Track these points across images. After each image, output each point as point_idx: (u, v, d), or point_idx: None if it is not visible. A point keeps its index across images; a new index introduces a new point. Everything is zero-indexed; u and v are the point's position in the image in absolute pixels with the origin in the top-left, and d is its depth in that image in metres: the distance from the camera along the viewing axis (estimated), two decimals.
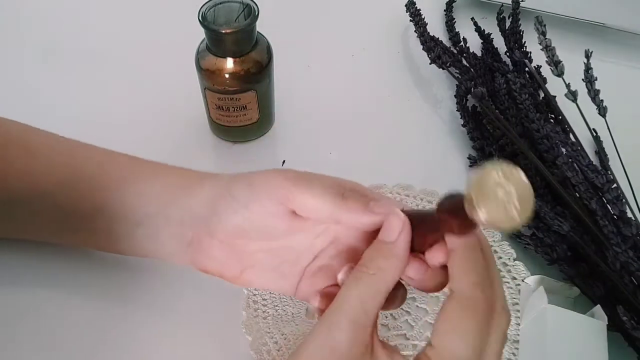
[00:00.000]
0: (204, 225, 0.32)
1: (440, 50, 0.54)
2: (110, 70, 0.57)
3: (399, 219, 0.28)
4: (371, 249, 0.28)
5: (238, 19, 0.43)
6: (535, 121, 0.44)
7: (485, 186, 0.23)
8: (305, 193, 0.29)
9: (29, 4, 0.63)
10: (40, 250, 0.41)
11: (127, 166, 0.36)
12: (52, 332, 0.39)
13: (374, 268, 0.27)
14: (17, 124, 0.39)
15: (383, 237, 0.28)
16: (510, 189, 0.23)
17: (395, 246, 0.27)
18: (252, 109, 0.47)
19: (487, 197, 0.23)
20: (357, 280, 0.27)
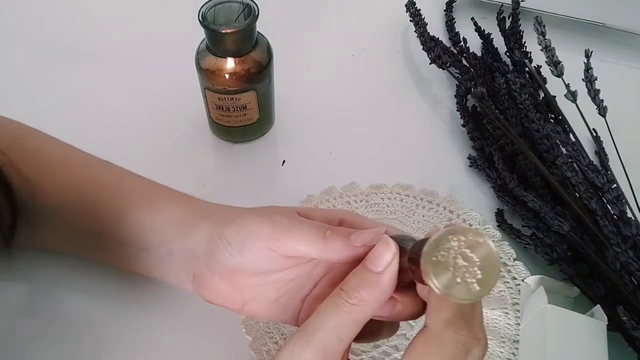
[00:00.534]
0: (204, 264, 0.33)
1: (440, 50, 0.54)
2: (110, 70, 0.57)
3: (389, 249, 0.26)
4: (355, 276, 0.27)
5: (238, 19, 0.43)
6: (535, 121, 0.44)
7: (442, 253, 0.22)
8: (291, 240, 0.30)
9: (29, 5, 0.63)
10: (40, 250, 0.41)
11: (133, 192, 0.36)
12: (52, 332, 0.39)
13: (355, 298, 0.26)
14: (31, 133, 0.39)
15: (369, 264, 0.27)
16: (473, 259, 0.22)
17: (381, 278, 0.26)
18: (252, 109, 0.47)
19: (442, 265, 0.22)
20: (336, 306, 0.26)
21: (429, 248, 0.22)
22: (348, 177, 0.47)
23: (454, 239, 0.22)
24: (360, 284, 0.26)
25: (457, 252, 0.22)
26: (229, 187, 0.48)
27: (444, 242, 0.22)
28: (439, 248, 0.22)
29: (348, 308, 0.26)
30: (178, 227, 0.34)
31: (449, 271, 0.22)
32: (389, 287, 0.26)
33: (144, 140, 0.50)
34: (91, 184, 0.37)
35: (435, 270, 0.22)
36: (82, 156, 0.39)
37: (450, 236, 0.22)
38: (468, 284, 0.21)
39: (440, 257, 0.22)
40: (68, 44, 0.59)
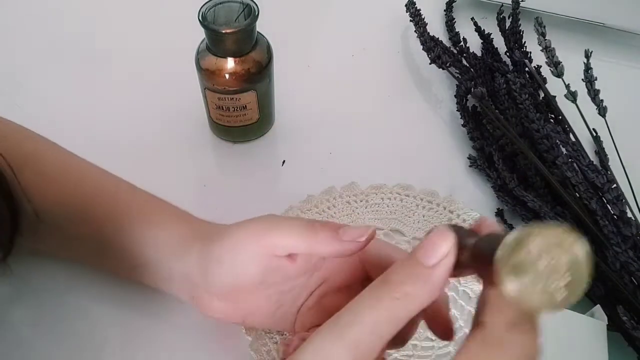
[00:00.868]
0: (201, 288, 0.33)
1: (440, 50, 0.54)
2: (110, 70, 0.57)
3: (447, 240, 0.23)
4: (402, 268, 0.24)
5: (238, 19, 0.43)
6: (535, 121, 0.44)
7: (524, 253, 0.19)
8: (279, 234, 0.30)
9: (29, 5, 0.63)
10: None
11: (132, 208, 0.37)
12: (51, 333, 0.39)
13: (400, 292, 0.23)
14: (30, 138, 0.39)
15: (421, 256, 0.23)
16: (559, 263, 0.19)
17: (433, 273, 0.23)
18: (252, 109, 0.47)
19: (522, 268, 0.19)
20: (377, 300, 0.23)
21: (508, 249, 0.19)
22: (348, 177, 0.47)
23: (537, 239, 0.19)
24: (408, 277, 0.23)
25: (539, 254, 0.19)
26: (229, 187, 0.48)
27: (525, 242, 0.19)
28: (519, 248, 0.19)
29: (390, 303, 0.23)
30: (174, 248, 0.34)
31: (527, 276, 0.19)
32: (441, 283, 0.23)
33: (144, 140, 0.50)
34: (89, 196, 0.37)
35: (513, 274, 0.19)
36: (81, 165, 0.39)
37: (534, 236, 0.19)
38: (549, 292, 0.19)
39: (519, 259, 0.19)
40: (68, 43, 0.59)
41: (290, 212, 0.45)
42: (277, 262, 0.31)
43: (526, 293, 0.19)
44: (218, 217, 0.46)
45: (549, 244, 0.19)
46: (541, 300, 0.19)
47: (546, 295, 0.19)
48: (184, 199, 0.46)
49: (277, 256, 0.31)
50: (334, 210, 0.45)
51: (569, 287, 0.19)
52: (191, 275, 0.33)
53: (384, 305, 0.23)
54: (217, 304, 0.33)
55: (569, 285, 0.19)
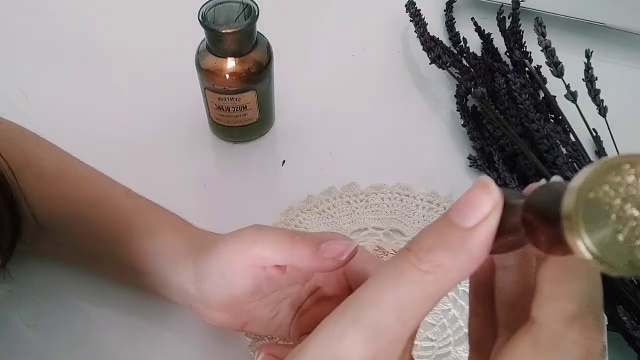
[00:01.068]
0: (198, 302, 0.34)
1: (440, 50, 0.54)
2: (110, 70, 0.57)
3: (490, 194, 0.18)
4: (432, 232, 0.19)
5: (238, 19, 0.43)
6: (535, 121, 0.44)
7: (604, 197, 0.15)
8: (262, 247, 0.30)
9: (29, 5, 0.63)
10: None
11: (129, 216, 0.37)
12: (51, 334, 0.39)
13: (429, 263, 0.18)
14: (30, 140, 0.39)
15: (456, 217, 0.18)
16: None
17: (471, 237, 0.18)
18: (252, 109, 0.47)
19: (601, 211, 0.15)
20: (399, 274, 0.19)
21: (587, 180, 0.15)
22: (348, 177, 0.47)
23: (630, 172, 0.15)
24: (439, 243, 0.18)
25: (629, 194, 0.15)
26: (229, 187, 0.48)
27: (610, 175, 0.15)
28: (603, 182, 0.15)
29: (418, 277, 0.18)
30: (170, 260, 0.35)
31: (609, 222, 0.15)
32: (481, 251, 0.18)
33: (144, 140, 0.50)
34: (86, 202, 0.37)
35: (591, 218, 0.15)
36: (78, 168, 0.39)
37: (627, 166, 0.15)
38: (639, 247, 0.14)
39: (600, 196, 0.15)
40: (68, 44, 0.59)
41: (290, 212, 0.45)
42: (266, 272, 0.31)
43: (605, 254, 0.15)
44: (218, 217, 0.46)
45: (635, 180, 0.15)
46: (626, 264, 0.15)
47: (636, 253, 0.14)
48: (184, 199, 0.47)
49: (266, 267, 0.31)
50: (334, 210, 0.45)
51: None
52: (187, 287, 0.34)
53: (410, 281, 0.18)
54: (216, 314, 0.34)
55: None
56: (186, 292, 0.34)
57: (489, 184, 0.18)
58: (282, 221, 0.45)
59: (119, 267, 0.36)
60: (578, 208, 0.15)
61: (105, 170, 0.40)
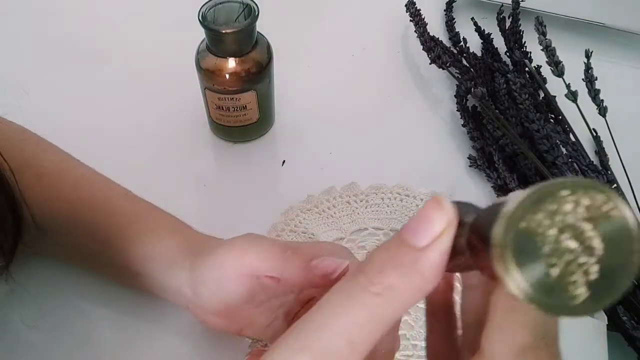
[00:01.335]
0: (194, 305, 0.34)
1: (440, 50, 0.54)
2: (110, 70, 0.57)
3: (443, 212, 0.17)
4: (384, 252, 0.18)
5: (238, 19, 0.43)
6: (535, 121, 0.44)
7: (534, 224, 0.13)
8: (252, 257, 0.30)
9: (29, 4, 0.63)
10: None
11: (126, 218, 0.36)
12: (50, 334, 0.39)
13: (380, 285, 0.17)
14: (30, 140, 0.39)
15: (408, 235, 0.18)
16: (592, 240, 0.13)
17: (424, 256, 0.17)
18: (252, 109, 0.47)
19: (534, 243, 0.13)
20: (350, 297, 0.18)
21: (518, 208, 0.13)
22: (348, 177, 0.47)
23: (568, 200, 0.13)
24: (390, 263, 0.18)
25: (566, 224, 0.13)
26: (229, 187, 0.48)
27: (548, 202, 0.13)
28: (537, 210, 0.13)
29: (368, 299, 0.17)
30: (166, 265, 0.35)
31: (540, 261, 0.13)
32: (434, 272, 0.17)
33: (144, 140, 0.50)
34: (85, 204, 0.37)
35: (521, 250, 0.13)
36: (79, 170, 0.39)
37: (565, 192, 0.13)
38: (575, 284, 0.13)
39: (526, 234, 0.13)
40: (68, 44, 0.59)
41: (290, 212, 0.45)
42: (260, 281, 0.31)
43: (540, 289, 0.13)
44: (218, 216, 0.46)
45: (584, 209, 0.13)
46: (563, 299, 0.13)
47: (570, 291, 0.13)
48: (184, 199, 0.47)
49: (259, 276, 0.31)
50: (334, 210, 0.45)
51: (605, 279, 0.13)
52: (184, 290, 0.34)
53: (360, 303, 0.18)
54: (212, 318, 0.34)
55: (605, 276, 0.13)
56: (183, 295, 0.34)
57: (442, 201, 0.18)
58: (282, 221, 0.45)
59: (116, 268, 0.36)
60: (507, 239, 0.13)
61: (105, 170, 0.40)
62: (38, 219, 0.35)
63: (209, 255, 0.32)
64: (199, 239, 0.36)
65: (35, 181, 0.37)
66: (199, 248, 0.34)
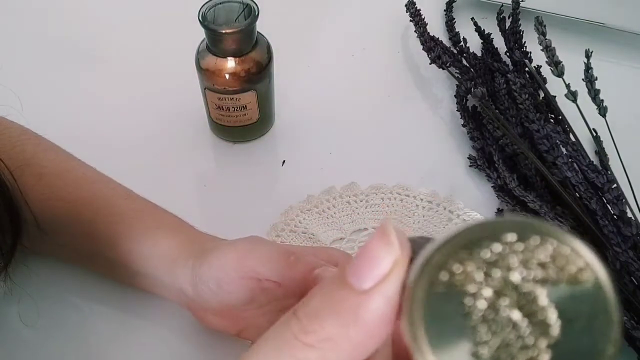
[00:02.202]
0: (195, 303, 0.34)
1: (440, 50, 0.54)
2: (110, 70, 0.57)
3: (389, 247, 0.14)
4: (322, 292, 0.15)
5: (238, 19, 0.43)
6: (535, 121, 0.44)
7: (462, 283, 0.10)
8: (253, 261, 0.30)
9: (29, 4, 0.63)
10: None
11: (127, 217, 0.36)
12: (49, 334, 0.39)
13: (314, 335, 0.14)
14: (31, 140, 0.39)
15: (349, 274, 0.14)
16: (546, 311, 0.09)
17: (366, 302, 0.14)
18: (252, 109, 0.47)
19: (454, 323, 0.10)
20: (278, 348, 0.15)
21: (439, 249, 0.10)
22: (348, 177, 0.47)
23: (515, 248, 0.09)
24: (328, 308, 0.14)
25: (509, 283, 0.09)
26: (229, 187, 0.48)
27: (484, 246, 0.10)
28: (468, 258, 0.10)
29: (299, 352, 0.14)
30: (168, 264, 0.35)
31: (469, 330, 0.09)
32: (379, 323, 0.14)
33: (144, 140, 0.50)
34: (86, 203, 0.37)
35: (438, 316, 0.10)
36: (80, 170, 0.39)
37: (511, 236, 0.10)
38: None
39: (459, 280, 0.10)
40: (68, 44, 0.59)
41: (290, 212, 0.45)
42: (262, 284, 0.31)
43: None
44: (218, 216, 0.46)
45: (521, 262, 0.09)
46: None
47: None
48: (184, 198, 0.47)
49: (261, 280, 0.31)
50: (334, 210, 0.45)
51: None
52: (185, 290, 0.34)
53: (289, 356, 0.14)
54: (212, 318, 0.34)
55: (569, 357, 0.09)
56: (184, 294, 0.34)
57: (389, 234, 0.14)
58: (282, 221, 0.45)
59: (118, 268, 0.36)
60: (417, 298, 0.10)
61: (105, 170, 0.40)
62: (39, 219, 0.35)
63: (212, 256, 0.32)
64: (201, 238, 0.36)
65: (35, 181, 0.37)
66: (201, 248, 0.34)
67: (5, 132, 0.39)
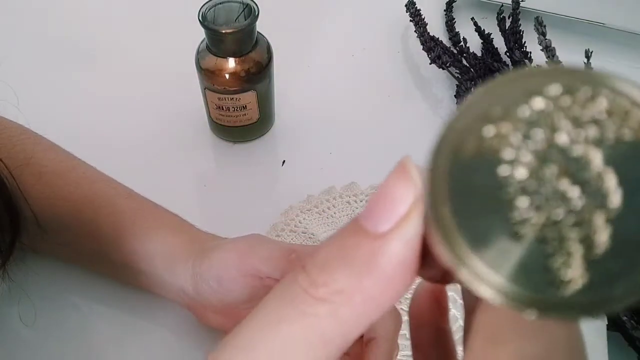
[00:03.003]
0: (195, 302, 0.34)
1: (440, 50, 0.54)
2: (110, 70, 0.57)
3: (410, 184, 0.13)
4: (333, 242, 0.13)
5: (238, 19, 0.43)
6: None
7: (496, 149, 0.08)
8: (254, 259, 0.30)
9: (29, 5, 0.63)
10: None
11: (127, 216, 0.36)
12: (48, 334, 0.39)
13: (324, 288, 0.13)
14: (30, 140, 0.39)
15: (365, 221, 0.13)
16: (604, 177, 0.08)
17: (384, 247, 0.12)
18: (252, 109, 0.47)
19: (488, 202, 0.08)
20: (285, 304, 0.13)
21: (463, 113, 0.09)
22: (348, 177, 0.47)
23: (562, 101, 0.08)
24: (341, 257, 0.13)
25: (556, 146, 0.08)
26: (229, 187, 0.48)
27: (521, 104, 0.08)
28: (503, 117, 0.08)
29: (308, 307, 0.13)
30: (168, 262, 0.35)
31: (508, 209, 0.08)
32: (399, 269, 0.12)
33: (144, 140, 0.50)
34: (86, 202, 0.37)
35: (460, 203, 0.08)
36: (80, 169, 0.39)
37: (556, 87, 0.08)
38: (566, 263, 0.08)
39: (492, 147, 0.08)
40: (68, 44, 0.59)
41: (290, 212, 0.45)
42: (264, 282, 0.31)
43: (525, 276, 0.08)
44: (218, 216, 0.46)
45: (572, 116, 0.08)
46: (544, 288, 0.08)
47: (558, 273, 0.08)
48: (184, 198, 0.47)
49: (262, 277, 0.31)
50: (334, 210, 0.45)
51: (619, 253, 0.07)
52: (185, 289, 0.34)
53: (296, 312, 0.13)
54: (212, 316, 0.34)
55: (620, 246, 0.07)
56: (185, 293, 0.34)
57: (409, 169, 0.13)
58: (282, 221, 0.45)
59: (118, 267, 0.36)
60: (442, 175, 0.08)
61: (105, 170, 0.40)
62: (39, 217, 0.35)
63: (213, 254, 0.32)
64: (202, 237, 0.36)
65: (35, 180, 0.37)
66: (202, 247, 0.34)
67: (4, 132, 0.39)
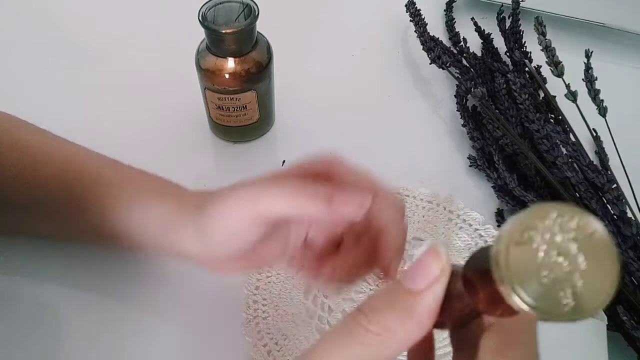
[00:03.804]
0: (203, 256, 0.33)
1: (440, 50, 0.54)
2: (110, 70, 0.57)
3: (438, 259, 0.20)
4: (384, 295, 0.20)
5: (238, 19, 0.43)
6: (535, 121, 0.44)
7: (526, 247, 0.15)
8: (269, 203, 0.29)
9: (29, 6, 0.63)
10: (37, 244, 0.41)
11: (116, 187, 0.36)
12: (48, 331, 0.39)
13: (377, 325, 0.19)
14: (18, 124, 0.39)
15: (406, 280, 0.20)
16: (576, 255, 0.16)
17: (420, 300, 0.19)
18: (252, 109, 0.47)
19: (526, 268, 0.15)
20: (349, 334, 0.20)
21: (508, 233, 0.15)
22: None
23: (551, 219, 0.15)
24: (388, 305, 0.19)
25: (552, 240, 0.15)
26: None
27: (534, 222, 0.16)
28: (532, 228, 0.16)
29: (367, 337, 0.19)
30: (163, 229, 0.34)
31: (538, 270, 0.15)
32: (428, 316, 0.19)
33: (144, 140, 0.50)
34: (75, 177, 0.37)
35: (518, 280, 0.15)
36: (68, 147, 0.39)
37: (554, 213, 0.16)
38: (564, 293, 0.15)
39: (527, 243, 0.15)
40: (68, 44, 0.59)
41: None
42: (273, 221, 0.30)
43: (544, 300, 0.15)
44: None
45: (567, 228, 0.15)
46: (553, 310, 0.15)
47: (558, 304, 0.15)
48: None
49: (273, 220, 0.30)
50: None
51: (590, 290, 0.15)
52: (189, 247, 0.33)
53: (358, 340, 0.19)
54: (227, 265, 0.33)
55: (590, 287, 0.15)
56: (188, 252, 0.33)
57: (440, 251, 0.19)
58: None
59: (112, 240, 0.36)
60: (501, 259, 0.16)
61: None
62: (28, 201, 0.35)
63: (214, 205, 0.31)
64: (196, 196, 0.35)
65: (23, 162, 0.36)
66: (199, 202, 0.33)
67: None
